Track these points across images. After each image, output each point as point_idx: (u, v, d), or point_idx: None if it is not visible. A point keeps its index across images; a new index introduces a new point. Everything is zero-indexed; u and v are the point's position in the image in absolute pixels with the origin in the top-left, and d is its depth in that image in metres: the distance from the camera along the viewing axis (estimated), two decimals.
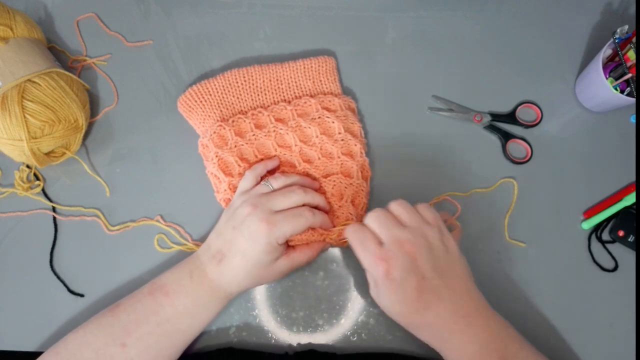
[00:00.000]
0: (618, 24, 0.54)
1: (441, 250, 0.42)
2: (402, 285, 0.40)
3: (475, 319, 0.42)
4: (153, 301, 0.45)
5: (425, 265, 0.41)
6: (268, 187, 0.48)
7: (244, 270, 0.45)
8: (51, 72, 0.51)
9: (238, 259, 0.45)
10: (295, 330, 0.51)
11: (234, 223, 0.46)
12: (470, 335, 0.41)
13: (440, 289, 0.41)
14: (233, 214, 0.47)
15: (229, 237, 0.46)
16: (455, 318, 0.41)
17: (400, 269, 0.40)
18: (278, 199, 0.46)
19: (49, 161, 0.53)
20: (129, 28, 0.61)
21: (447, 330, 0.41)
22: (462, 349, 0.41)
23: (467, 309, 0.42)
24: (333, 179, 0.52)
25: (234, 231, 0.45)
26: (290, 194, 0.47)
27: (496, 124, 0.58)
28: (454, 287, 0.42)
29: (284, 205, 0.46)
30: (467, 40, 0.61)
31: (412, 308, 0.41)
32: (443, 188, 0.55)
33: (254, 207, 0.45)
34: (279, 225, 0.44)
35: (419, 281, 0.40)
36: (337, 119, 0.54)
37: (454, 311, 0.41)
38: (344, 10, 0.62)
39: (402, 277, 0.40)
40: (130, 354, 0.44)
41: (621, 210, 0.54)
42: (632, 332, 0.51)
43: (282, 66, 0.56)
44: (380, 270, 0.40)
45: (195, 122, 0.55)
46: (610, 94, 0.52)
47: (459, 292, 0.42)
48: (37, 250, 0.54)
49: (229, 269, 0.45)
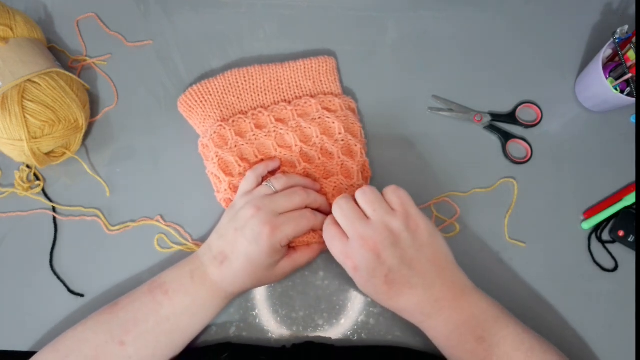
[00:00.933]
0: (618, 24, 0.54)
1: (407, 239, 0.42)
2: (370, 280, 0.42)
3: (449, 302, 0.43)
4: (152, 300, 0.45)
5: (391, 260, 0.42)
6: (270, 188, 0.48)
7: (246, 272, 0.45)
8: (51, 72, 0.51)
9: (241, 260, 0.45)
10: (295, 330, 0.51)
11: (236, 225, 0.46)
12: (444, 317, 0.43)
13: (410, 277, 0.42)
14: (235, 216, 0.46)
15: (231, 238, 0.46)
16: (427, 303, 0.42)
17: (365, 266, 0.42)
18: (281, 201, 0.46)
19: (49, 161, 0.53)
20: (129, 28, 0.61)
21: (420, 314, 0.43)
22: (437, 329, 0.43)
23: (443, 293, 0.43)
24: (334, 180, 0.52)
25: (236, 233, 0.45)
26: (293, 195, 0.47)
27: (496, 124, 0.58)
28: (425, 273, 0.42)
29: (287, 208, 0.46)
30: (467, 40, 0.61)
31: (385, 296, 0.43)
32: (443, 188, 0.56)
33: (257, 209, 0.45)
34: (282, 227, 0.45)
35: (386, 275, 0.42)
36: (337, 119, 0.54)
37: (427, 297, 0.42)
38: (344, 10, 0.62)
39: (369, 273, 0.42)
40: (129, 352, 0.44)
41: (621, 210, 0.54)
42: (632, 332, 0.51)
43: (282, 66, 0.56)
44: (349, 266, 0.43)
45: (195, 122, 0.55)
46: (610, 94, 0.52)
47: (431, 278, 0.42)
48: (37, 250, 0.54)
49: (230, 270, 0.45)
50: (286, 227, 0.45)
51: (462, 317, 0.42)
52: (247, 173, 0.50)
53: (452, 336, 0.43)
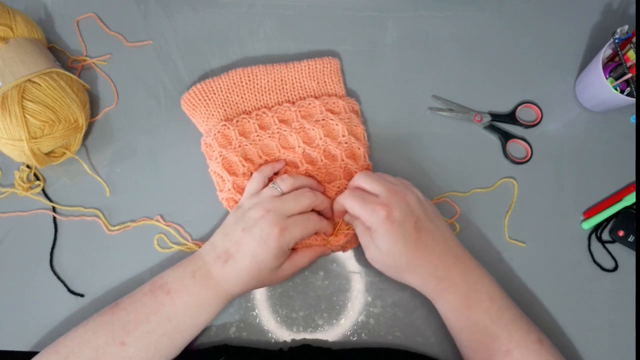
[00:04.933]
0: (618, 24, 0.54)
1: (426, 201, 0.48)
2: (402, 225, 0.44)
3: (466, 261, 0.46)
4: (154, 300, 0.45)
5: (418, 210, 0.46)
6: (276, 189, 0.48)
7: (250, 273, 0.45)
8: (51, 72, 0.51)
9: (247, 260, 0.45)
10: (295, 330, 0.51)
11: (244, 225, 0.46)
12: (465, 273, 0.45)
13: (433, 230, 0.46)
14: (243, 216, 0.47)
15: (238, 238, 0.46)
16: (451, 257, 0.46)
17: (399, 211, 0.44)
18: (290, 203, 0.47)
19: (49, 161, 0.53)
20: (129, 28, 0.61)
21: (443, 268, 0.45)
22: (458, 286, 0.45)
23: (459, 252, 0.47)
24: (337, 184, 0.52)
25: (243, 233, 0.45)
26: (301, 197, 0.48)
27: (496, 124, 0.58)
28: (443, 230, 0.47)
29: (295, 210, 0.47)
30: (467, 40, 0.61)
31: (414, 246, 0.44)
32: (443, 188, 0.56)
33: (267, 211, 0.46)
34: (290, 229, 0.45)
35: (415, 222, 0.45)
36: (340, 122, 0.54)
37: (449, 251, 0.46)
38: (344, 10, 0.62)
39: (402, 218, 0.44)
40: (129, 353, 0.44)
41: (621, 210, 0.54)
42: (632, 332, 0.52)
43: (286, 66, 0.56)
44: (382, 215, 0.44)
45: (198, 120, 0.55)
46: (610, 94, 0.52)
47: (447, 236, 0.47)
48: (37, 250, 0.54)
49: (234, 269, 0.45)
50: (294, 229, 0.45)
51: (477, 275, 0.46)
52: (253, 174, 0.50)
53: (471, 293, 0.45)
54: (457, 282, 0.45)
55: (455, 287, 0.45)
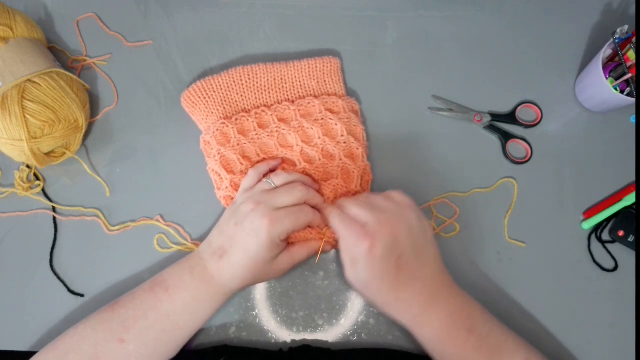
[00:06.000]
0: (618, 24, 0.54)
1: (419, 230, 0.44)
2: (383, 262, 0.42)
3: (444, 295, 0.44)
4: (153, 297, 0.45)
5: (405, 244, 0.43)
6: (270, 184, 0.49)
7: (245, 266, 0.45)
8: (51, 72, 0.51)
9: (240, 254, 0.45)
10: (295, 330, 0.51)
11: (236, 219, 0.46)
12: (440, 309, 0.44)
13: (416, 267, 0.43)
14: (236, 211, 0.47)
15: (231, 233, 0.46)
16: (427, 295, 0.44)
17: (382, 246, 0.42)
18: (281, 195, 0.47)
19: (49, 161, 0.53)
20: (129, 28, 0.61)
21: (418, 306, 0.43)
22: (432, 322, 0.44)
23: (438, 287, 0.45)
24: (333, 184, 0.52)
25: (236, 227, 0.46)
26: (292, 190, 0.48)
27: (496, 124, 0.58)
28: (428, 266, 0.44)
29: (286, 202, 0.47)
30: (467, 40, 0.61)
31: (390, 285, 0.43)
32: (443, 188, 0.56)
33: (257, 203, 0.46)
34: (281, 220, 0.45)
35: (397, 259, 0.42)
36: (340, 121, 0.54)
37: (427, 288, 0.44)
38: (344, 10, 0.62)
39: (384, 254, 0.42)
40: (129, 350, 0.44)
41: (621, 210, 0.54)
42: (632, 332, 0.51)
43: (286, 65, 0.56)
44: (364, 247, 0.42)
45: (198, 117, 0.55)
46: (610, 94, 0.52)
47: (432, 271, 0.45)
48: (37, 250, 0.54)
49: (229, 264, 0.45)
50: (285, 220, 0.45)
51: (454, 309, 0.44)
52: (249, 171, 0.51)
53: (445, 329, 0.43)
54: (432, 319, 0.44)
55: (429, 323, 0.44)
